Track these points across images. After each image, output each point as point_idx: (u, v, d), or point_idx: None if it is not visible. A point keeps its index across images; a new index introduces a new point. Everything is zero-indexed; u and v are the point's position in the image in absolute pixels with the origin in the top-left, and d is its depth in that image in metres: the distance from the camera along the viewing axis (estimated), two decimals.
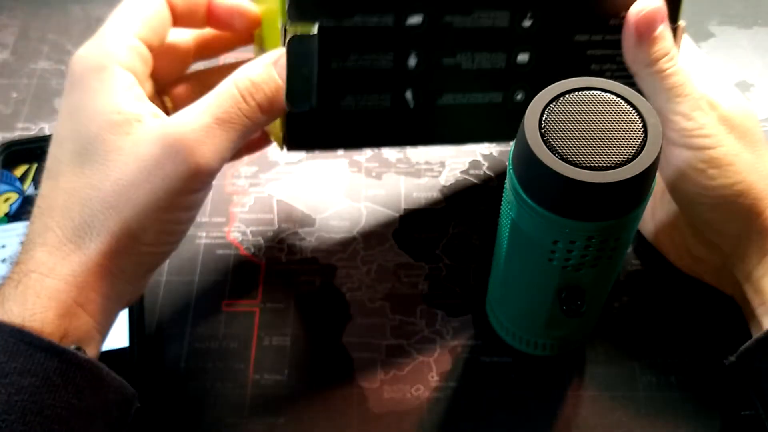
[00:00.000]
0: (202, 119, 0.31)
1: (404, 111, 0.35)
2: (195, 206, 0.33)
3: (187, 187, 0.31)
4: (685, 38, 0.38)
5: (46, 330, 0.28)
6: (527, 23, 0.35)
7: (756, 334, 0.35)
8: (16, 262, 0.30)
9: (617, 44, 0.36)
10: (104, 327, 0.31)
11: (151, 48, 0.33)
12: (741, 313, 0.39)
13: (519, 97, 0.36)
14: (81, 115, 0.31)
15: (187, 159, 0.30)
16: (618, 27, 0.36)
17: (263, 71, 0.32)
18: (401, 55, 0.34)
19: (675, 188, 0.37)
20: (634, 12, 0.35)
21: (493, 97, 0.36)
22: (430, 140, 0.38)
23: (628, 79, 0.36)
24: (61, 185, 0.31)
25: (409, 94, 0.35)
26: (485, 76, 0.35)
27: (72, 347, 0.28)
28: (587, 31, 0.36)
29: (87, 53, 0.32)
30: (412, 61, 0.34)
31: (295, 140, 0.35)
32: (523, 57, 0.35)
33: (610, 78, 0.36)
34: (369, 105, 0.35)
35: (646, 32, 0.35)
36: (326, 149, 0.37)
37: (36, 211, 0.31)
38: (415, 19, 0.33)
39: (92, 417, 0.29)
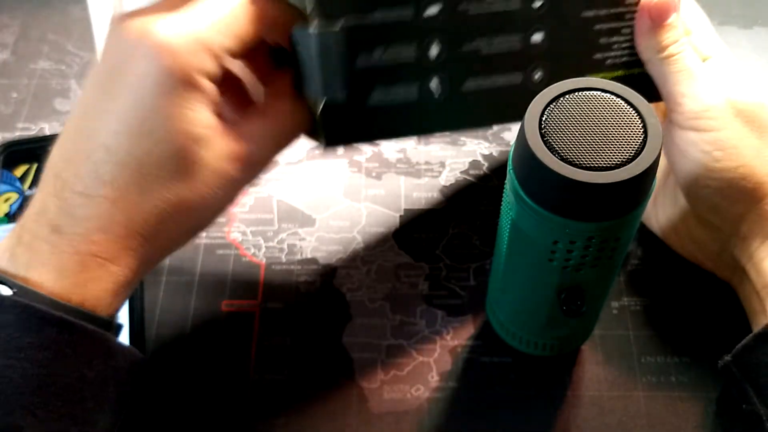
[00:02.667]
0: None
1: (431, 100, 0.37)
2: (197, 119, 0.31)
3: (165, 85, 0.30)
4: (709, 28, 0.39)
5: (61, 291, 0.29)
6: (537, 3, 0.36)
7: (753, 327, 0.35)
8: (30, 214, 0.31)
9: (622, 17, 0.37)
10: (130, 280, 0.32)
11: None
12: (741, 312, 0.39)
13: (537, 76, 0.37)
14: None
15: (154, 53, 0.29)
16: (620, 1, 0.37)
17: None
18: (423, 45, 0.35)
19: (681, 172, 0.38)
20: (647, 0, 0.36)
21: (513, 78, 0.37)
22: (459, 125, 0.39)
23: (633, 50, 0.38)
24: (61, 139, 0.31)
25: (434, 84, 0.36)
26: (504, 58, 0.37)
27: (85, 311, 0.29)
28: (593, 7, 0.37)
29: (172, 43, 0.30)
30: (434, 51, 0.35)
31: (332, 138, 0.36)
32: (536, 37, 0.37)
33: (618, 51, 0.38)
34: (397, 98, 0.36)
35: (658, 20, 0.36)
36: (362, 142, 0.39)
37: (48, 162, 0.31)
38: (432, 10, 0.35)
39: (104, 383, 0.30)
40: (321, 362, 0.41)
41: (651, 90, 0.38)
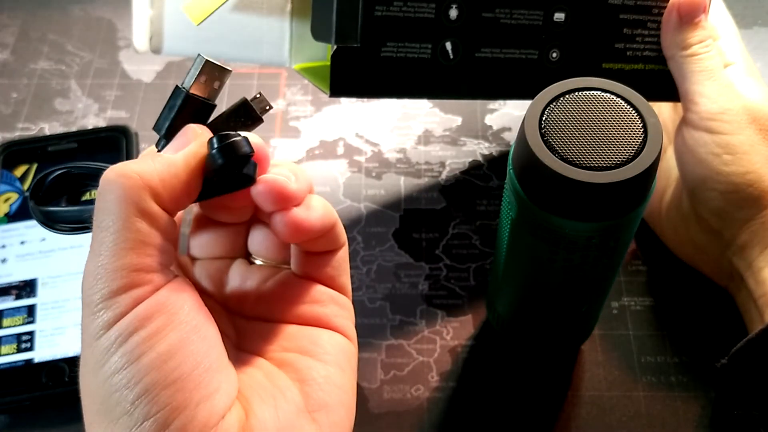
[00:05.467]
0: None
1: (444, 62, 0.37)
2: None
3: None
4: (735, 36, 0.40)
5: None
6: None
7: (750, 334, 0.35)
8: None
9: (649, 10, 0.38)
10: None
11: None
12: (740, 312, 0.39)
13: (554, 55, 0.38)
14: None
15: None
16: None
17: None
18: (443, 6, 0.36)
19: (689, 172, 0.38)
20: None
21: (530, 53, 0.37)
22: (468, 93, 0.39)
23: (657, 46, 0.38)
24: None
25: (448, 46, 0.36)
26: (522, 31, 0.37)
27: None
28: None
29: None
30: (453, 13, 0.36)
31: (338, 85, 0.36)
32: (559, 16, 0.37)
33: (640, 44, 0.38)
34: (410, 54, 0.36)
35: (686, 17, 0.37)
36: (368, 96, 0.38)
37: None
38: None
39: None
40: None
41: (669, 89, 0.39)
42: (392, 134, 0.51)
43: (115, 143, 0.48)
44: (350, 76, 0.36)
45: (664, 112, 0.43)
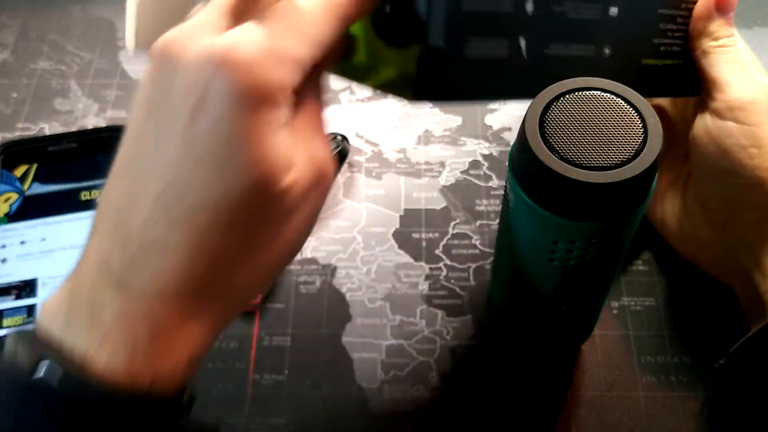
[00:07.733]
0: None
1: (518, 60, 0.36)
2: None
3: (240, 106, 0.24)
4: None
5: (126, 371, 0.24)
6: None
7: (748, 333, 0.35)
8: (87, 265, 0.25)
9: (678, 4, 0.38)
10: (207, 343, 0.26)
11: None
12: (741, 312, 0.39)
13: (607, 52, 0.37)
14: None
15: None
16: None
17: None
18: None
19: (708, 164, 0.37)
20: None
21: (588, 50, 0.37)
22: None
23: (682, 40, 0.38)
24: (116, 173, 0.27)
25: (522, 42, 0.36)
26: (583, 26, 0.37)
27: (155, 398, 0.25)
28: None
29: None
30: (530, 6, 0.35)
31: (422, 89, 0.35)
32: (613, 10, 0.37)
33: (670, 38, 0.38)
34: (488, 53, 0.36)
35: (722, 10, 0.37)
36: (450, 99, 0.38)
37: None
38: None
39: None
40: (321, 362, 0.41)
41: (689, 83, 0.38)
42: (392, 134, 0.51)
43: (115, 143, 0.47)
44: (434, 79, 0.35)
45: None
